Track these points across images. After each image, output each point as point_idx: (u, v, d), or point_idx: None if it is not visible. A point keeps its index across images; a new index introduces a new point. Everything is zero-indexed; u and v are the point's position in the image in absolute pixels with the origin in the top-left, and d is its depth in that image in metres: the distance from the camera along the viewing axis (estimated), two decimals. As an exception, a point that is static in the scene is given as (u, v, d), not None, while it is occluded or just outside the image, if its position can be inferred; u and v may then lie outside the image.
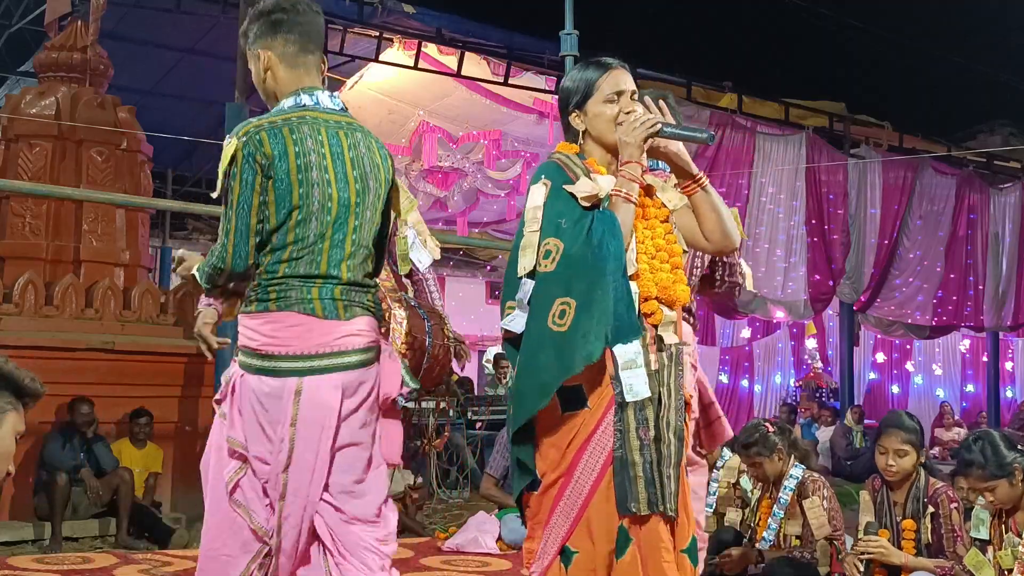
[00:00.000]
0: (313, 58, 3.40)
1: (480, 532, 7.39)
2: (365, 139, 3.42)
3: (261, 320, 3.23)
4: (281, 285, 3.22)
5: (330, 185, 3.24)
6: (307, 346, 3.20)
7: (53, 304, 8.48)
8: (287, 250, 3.22)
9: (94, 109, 9.49)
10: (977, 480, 4.51)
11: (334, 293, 3.25)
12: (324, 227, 3.24)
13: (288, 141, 3.20)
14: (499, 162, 15.76)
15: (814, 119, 15.42)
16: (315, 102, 3.34)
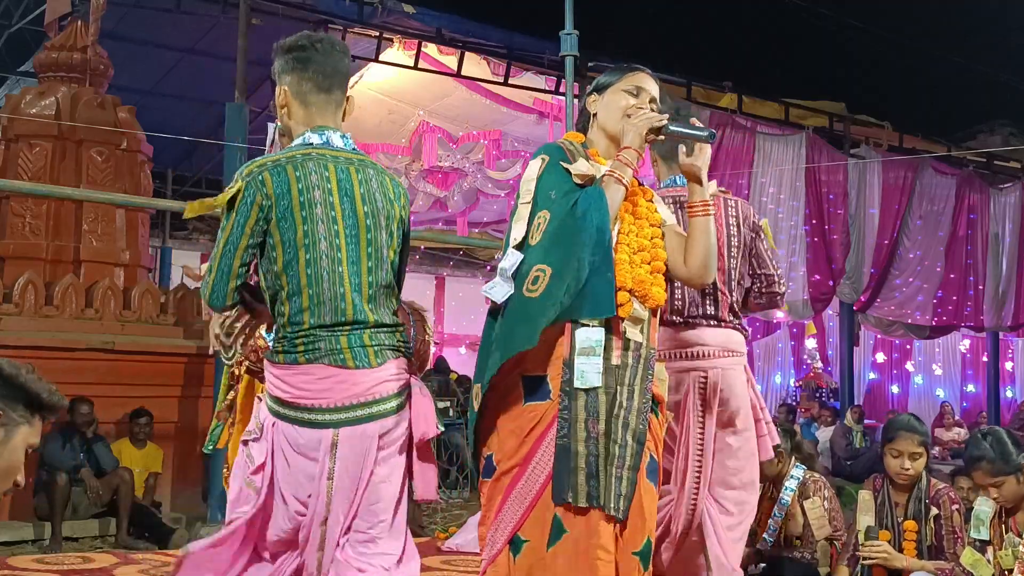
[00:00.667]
0: (330, 97, 3.36)
1: (480, 532, 7.38)
2: (378, 176, 3.38)
3: (291, 372, 3.18)
4: (308, 337, 3.16)
5: (336, 222, 3.20)
6: (341, 398, 3.16)
7: (53, 304, 8.49)
8: (304, 296, 3.17)
9: (94, 109, 9.49)
10: (985, 475, 4.50)
11: (363, 340, 3.20)
12: (338, 267, 3.19)
13: (292, 178, 3.16)
14: (499, 162, 15.76)
15: (814, 119, 15.41)
16: (324, 141, 3.31)
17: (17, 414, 2.31)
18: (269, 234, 3.16)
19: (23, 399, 2.32)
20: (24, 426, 2.34)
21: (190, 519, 8.27)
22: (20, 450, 2.35)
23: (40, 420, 2.39)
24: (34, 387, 2.33)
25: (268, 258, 3.19)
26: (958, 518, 5.02)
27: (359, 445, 3.18)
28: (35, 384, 2.34)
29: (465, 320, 20.20)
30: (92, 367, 8.31)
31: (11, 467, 2.34)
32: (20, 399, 2.31)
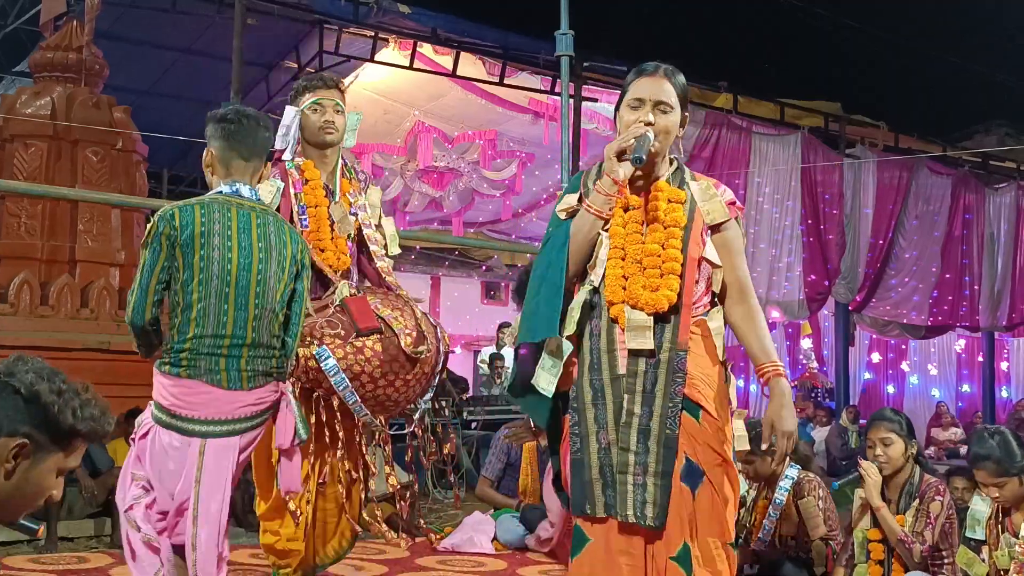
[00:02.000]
0: (248, 164, 3.93)
1: (476, 532, 7.38)
2: (276, 223, 3.93)
3: (172, 383, 3.75)
4: (192, 352, 3.72)
5: (231, 251, 3.75)
6: (211, 412, 3.73)
7: (48, 304, 8.47)
8: (194, 309, 3.73)
9: (89, 109, 9.48)
10: (988, 475, 4.51)
11: (240, 364, 3.76)
12: (226, 288, 3.74)
13: (196, 214, 3.73)
14: (495, 162, 15.77)
15: (810, 119, 15.43)
16: (233, 191, 3.87)
17: (50, 442, 2.22)
18: (175, 258, 3.72)
19: (55, 430, 2.22)
20: (57, 454, 2.25)
21: (186, 519, 8.26)
22: (51, 475, 2.26)
23: (81, 446, 2.29)
24: (69, 419, 2.22)
25: (173, 279, 3.76)
26: (936, 507, 5.04)
27: (223, 454, 3.75)
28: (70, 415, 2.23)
29: (460, 320, 20.18)
30: (88, 367, 8.27)
31: (39, 492, 2.25)
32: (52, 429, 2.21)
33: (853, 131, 16.03)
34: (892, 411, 5.44)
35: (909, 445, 5.16)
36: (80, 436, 2.27)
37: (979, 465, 4.57)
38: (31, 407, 2.19)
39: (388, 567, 6.49)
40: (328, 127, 4.61)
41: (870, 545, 5.21)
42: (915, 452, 5.21)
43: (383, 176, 15.98)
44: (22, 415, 2.19)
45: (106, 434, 2.35)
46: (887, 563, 5.14)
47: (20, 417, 2.19)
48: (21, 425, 2.18)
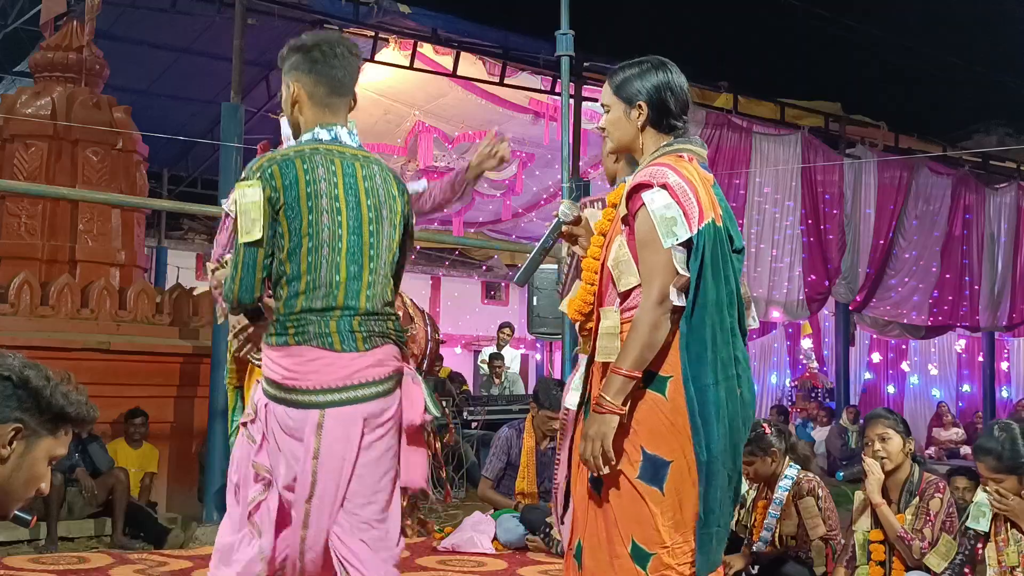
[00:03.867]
0: (341, 100, 3.52)
1: (476, 532, 7.39)
2: (382, 172, 3.51)
3: (281, 353, 3.33)
4: (299, 319, 3.31)
5: (340, 213, 3.34)
6: (327, 380, 3.30)
7: (49, 304, 8.48)
8: (302, 281, 3.31)
9: (90, 109, 9.48)
10: (988, 469, 4.51)
11: (352, 325, 3.34)
12: (337, 256, 3.33)
13: (299, 170, 3.30)
14: (495, 162, 15.74)
15: (810, 119, 15.43)
16: (332, 137, 3.45)
17: (41, 426, 2.29)
18: (277, 223, 3.30)
19: (48, 412, 2.28)
20: (48, 438, 2.30)
21: (186, 519, 8.26)
22: (43, 462, 2.31)
23: (67, 433, 2.35)
24: (60, 401, 2.29)
25: (276, 246, 3.33)
26: (936, 504, 5.06)
27: (344, 427, 3.30)
28: (61, 397, 2.29)
29: (460, 320, 20.20)
30: (88, 367, 8.28)
31: (32, 478, 2.32)
32: (44, 412, 2.27)
33: (853, 131, 16.03)
34: (886, 410, 5.54)
35: (906, 441, 5.18)
36: (69, 420, 2.33)
37: (982, 457, 4.58)
38: (21, 392, 2.25)
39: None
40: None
41: (871, 546, 5.22)
42: (912, 449, 5.23)
43: (383, 176, 15.97)
44: (13, 401, 2.25)
45: (93, 420, 2.40)
46: (888, 564, 5.15)
47: (12, 403, 2.24)
48: (13, 411, 2.24)
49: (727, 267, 3.24)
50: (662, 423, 3.23)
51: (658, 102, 3.41)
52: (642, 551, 3.24)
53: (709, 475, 3.20)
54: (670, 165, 3.29)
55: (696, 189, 3.23)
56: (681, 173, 3.26)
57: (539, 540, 7.24)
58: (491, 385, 12.74)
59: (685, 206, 3.20)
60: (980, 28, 22.85)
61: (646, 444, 3.24)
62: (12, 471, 2.27)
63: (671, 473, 3.22)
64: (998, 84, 20.36)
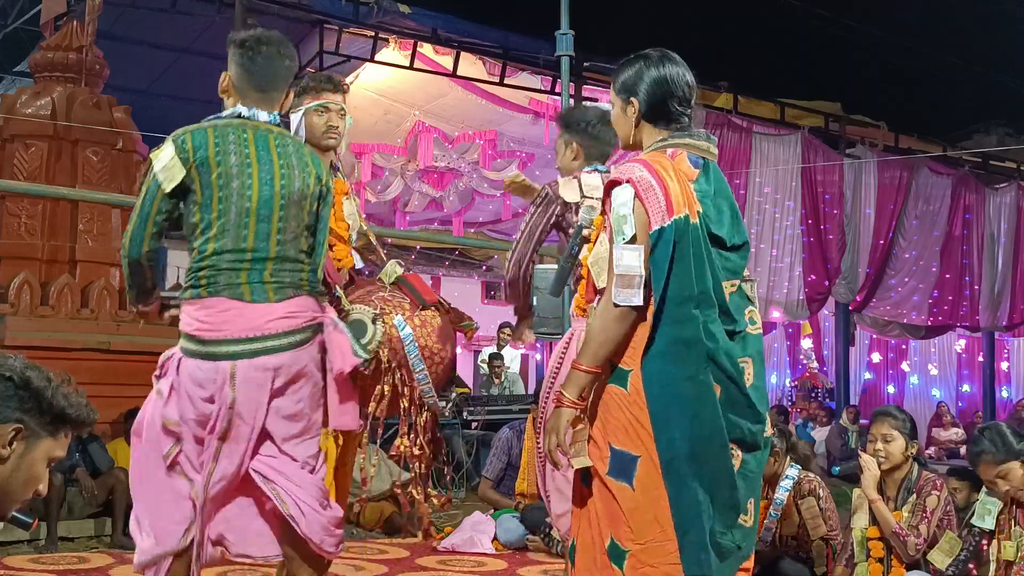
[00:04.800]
0: (265, 95, 3.72)
1: (476, 532, 7.39)
2: (295, 145, 3.72)
3: (196, 306, 3.48)
4: (210, 268, 3.46)
5: (250, 167, 3.51)
6: (238, 330, 3.44)
7: (49, 304, 8.47)
8: (214, 227, 3.47)
9: (90, 109, 9.48)
10: (989, 466, 4.49)
11: (263, 276, 3.49)
12: (247, 203, 3.48)
13: (210, 135, 3.53)
14: (495, 162, 15.77)
15: (810, 119, 15.44)
16: (251, 114, 3.67)
17: (41, 427, 2.29)
18: (190, 179, 3.48)
19: (49, 413, 2.29)
20: (47, 439, 2.31)
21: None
22: (42, 463, 2.32)
23: (67, 435, 2.36)
24: (60, 402, 2.30)
25: (189, 201, 3.51)
26: (933, 501, 5.05)
27: (255, 377, 3.44)
28: (62, 399, 2.30)
29: (461, 320, 20.15)
30: (88, 367, 8.28)
31: (31, 479, 2.32)
32: (45, 413, 2.28)
33: (853, 131, 16.04)
34: (897, 409, 5.43)
35: (910, 445, 5.16)
36: (69, 422, 2.33)
37: (978, 461, 4.56)
38: (23, 393, 2.26)
39: (388, 567, 6.49)
40: (332, 132, 4.46)
41: (870, 543, 5.21)
42: (915, 452, 5.22)
43: (383, 176, 15.99)
44: (15, 401, 2.25)
45: (92, 422, 2.42)
46: (886, 561, 5.15)
47: (13, 403, 2.25)
48: (14, 411, 2.24)
49: (702, 263, 3.15)
50: (625, 417, 3.18)
51: (652, 97, 3.35)
52: (618, 548, 3.20)
53: (674, 476, 3.12)
54: (643, 160, 3.25)
55: (666, 184, 3.16)
56: (652, 168, 3.20)
57: (539, 540, 7.24)
58: (491, 385, 12.73)
59: (647, 202, 3.14)
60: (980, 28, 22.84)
61: (612, 439, 3.20)
62: (11, 471, 2.27)
63: (640, 468, 3.15)
64: (998, 84, 20.36)
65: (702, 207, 3.21)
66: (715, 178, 3.33)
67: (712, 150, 3.37)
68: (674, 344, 3.13)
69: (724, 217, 3.28)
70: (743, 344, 3.27)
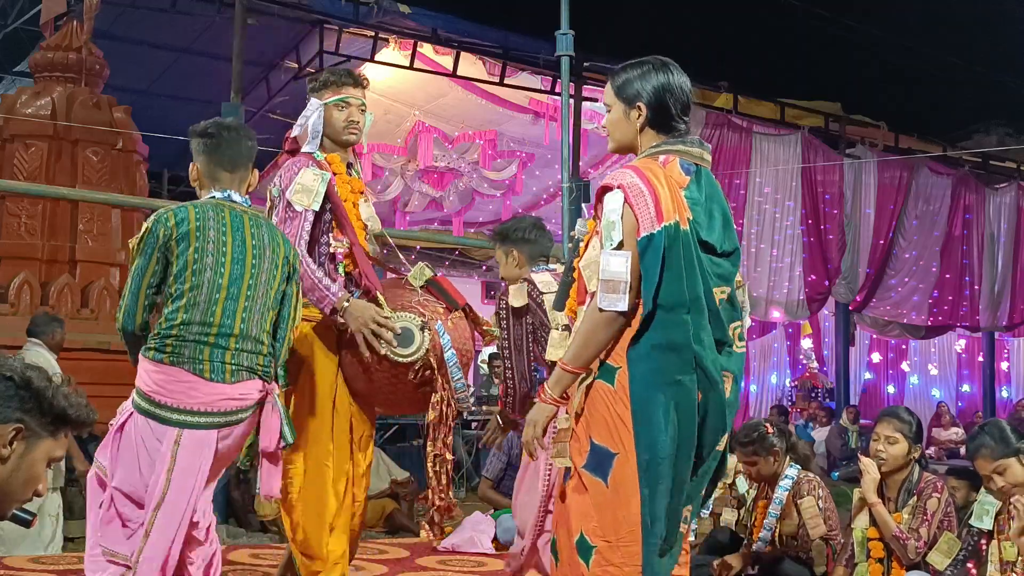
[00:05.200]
0: (234, 175, 3.91)
1: (476, 532, 7.39)
2: (268, 227, 3.92)
3: (155, 368, 3.69)
4: (177, 338, 3.67)
5: (225, 246, 3.73)
6: (191, 402, 3.67)
7: (49, 304, 8.48)
8: (184, 297, 3.67)
9: (90, 109, 9.48)
10: (987, 461, 4.48)
11: (224, 356, 3.71)
12: (219, 279, 3.70)
13: (191, 213, 3.74)
14: (495, 162, 15.77)
15: (810, 119, 15.44)
16: (225, 196, 3.87)
17: (41, 427, 2.29)
18: (170, 252, 3.69)
19: (50, 414, 2.29)
20: (47, 440, 2.32)
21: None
22: (41, 463, 2.32)
23: (66, 435, 2.36)
24: (61, 402, 2.30)
25: (166, 273, 3.72)
26: (934, 504, 5.03)
27: (198, 445, 3.68)
28: (63, 399, 2.31)
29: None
30: (88, 367, 8.28)
31: (31, 479, 2.32)
32: (46, 413, 2.28)
33: (853, 131, 16.04)
34: (906, 411, 5.33)
35: (913, 448, 5.14)
36: (70, 422, 2.34)
37: (977, 455, 4.54)
38: (23, 393, 2.26)
39: (388, 567, 6.49)
40: (353, 127, 4.44)
41: (870, 544, 5.21)
42: (918, 456, 5.20)
43: (383, 176, 16.00)
44: (15, 401, 2.25)
45: (92, 423, 2.42)
46: (887, 561, 5.14)
47: (14, 403, 2.25)
48: (15, 411, 2.24)
49: (693, 270, 3.17)
50: (609, 413, 3.21)
51: (657, 104, 3.37)
52: (586, 543, 3.23)
53: (651, 478, 3.15)
54: (635, 167, 3.28)
55: (656, 191, 3.18)
56: (643, 175, 3.22)
57: (538, 540, 7.23)
58: (491, 385, 12.74)
59: (636, 208, 3.17)
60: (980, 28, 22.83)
61: (594, 435, 3.23)
62: (12, 471, 2.27)
63: (616, 465, 3.18)
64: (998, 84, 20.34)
65: (693, 214, 3.23)
66: (707, 184, 3.35)
67: (705, 157, 3.40)
68: (662, 347, 3.16)
69: (715, 224, 3.30)
70: (727, 358, 3.30)
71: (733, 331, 3.34)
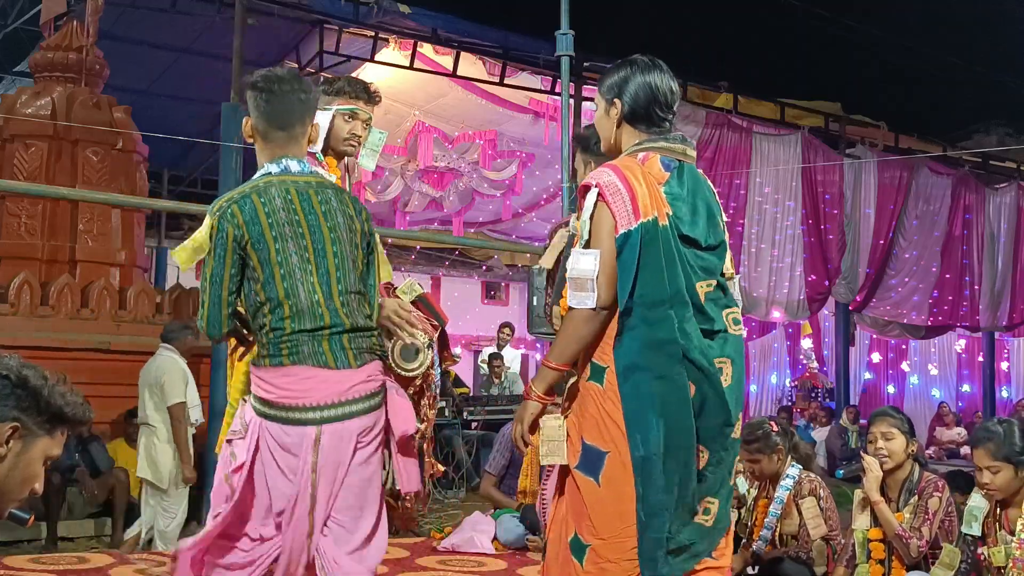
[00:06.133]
0: (289, 133, 3.64)
1: (476, 532, 7.39)
2: (337, 195, 3.66)
3: (276, 374, 3.46)
4: (292, 341, 3.44)
5: (304, 238, 3.50)
6: (323, 396, 3.43)
7: (49, 304, 8.48)
8: (285, 307, 3.46)
9: (90, 109, 9.49)
10: (986, 455, 4.49)
11: (343, 343, 3.48)
12: (311, 278, 3.49)
13: (258, 206, 3.47)
14: (495, 162, 15.77)
15: (810, 119, 15.43)
16: (281, 169, 3.60)
17: (38, 426, 2.29)
18: (248, 257, 3.46)
19: (46, 412, 2.29)
20: (44, 438, 2.32)
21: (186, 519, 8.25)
22: (38, 461, 2.33)
23: (63, 433, 2.36)
24: (57, 401, 2.31)
25: (249, 279, 3.50)
26: (935, 503, 5.04)
27: (340, 441, 3.44)
28: (59, 397, 2.31)
29: (461, 320, 20.17)
30: (88, 367, 8.29)
31: (28, 478, 2.33)
32: (42, 412, 2.29)
33: (853, 131, 16.03)
34: (894, 409, 5.49)
35: (909, 442, 5.17)
36: (66, 420, 2.34)
37: (981, 444, 4.56)
38: (20, 392, 2.26)
39: (388, 567, 6.49)
40: (353, 140, 4.43)
41: (871, 544, 5.21)
42: (915, 450, 5.22)
43: (383, 176, 15.99)
44: (12, 400, 2.26)
45: (89, 421, 2.44)
46: (887, 562, 5.14)
47: (10, 402, 2.25)
48: (11, 410, 2.25)
49: (673, 264, 3.23)
50: (600, 413, 3.27)
51: (634, 100, 3.44)
52: (579, 542, 3.29)
53: (645, 474, 3.19)
54: (614, 165, 3.34)
55: (633, 188, 3.24)
56: (621, 173, 3.29)
57: (539, 540, 7.23)
58: (491, 385, 12.74)
59: (613, 206, 3.23)
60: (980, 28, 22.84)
61: (585, 435, 3.30)
62: (8, 470, 2.28)
63: (607, 464, 3.24)
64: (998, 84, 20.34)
65: (673, 209, 3.29)
66: (691, 179, 3.40)
67: (688, 152, 3.45)
68: (648, 344, 3.22)
69: (699, 218, 3.35)
70: (722, 344, 3.34)
71: (727, 317, 3.38)
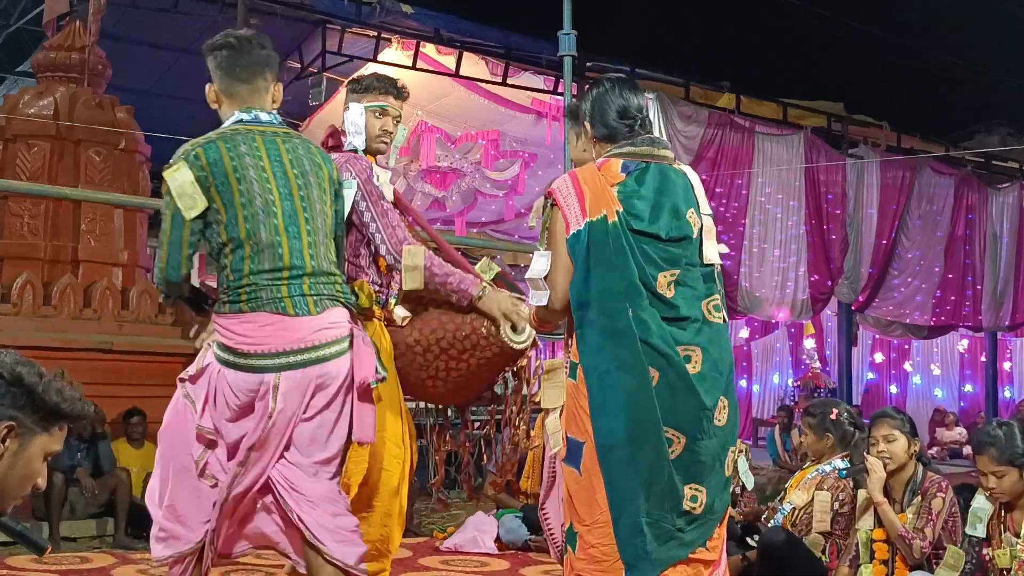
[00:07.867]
0: (247, 87, 3.68)
1: (478, 532, 7.38)
2: (303, 144, 3.70)
3: (235, 320, 3.48)
4: (251, 286, 3.46)
5: (269, 182, 3.51)
6: (282, 343, 3.44)
7: (51, 304, 8.47)
8: (246, 247, 3.46)
9: (92, 109, 9.48)
10: (990, 461, 4.49)
11: (303, 289, 3.49)
12: (274, 219, 3.49)
13: (222, 149, 3.51)
14: (497, 162, 15.77)
15: (812, 119, 15.43)
16: (252, 117, 3.65)
17: (34, 424, 2.28)
18: (211, 199, 3.47)
19: (42, 409, 2.27)
20: (42, 435, 2.30)
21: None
22: (37, 459, 2.31)
23: (62, 429, 2.34)
24: (53, 397, 2.28)
25: (213, 221, 3.49)
26: (939, 504, 5.03)
27: (298, 388, 3.45)
28: (55, 394, 2.29)
29: (463, 320, 20.15)
30: (90, 367, 8.27)
31: (28, 476, 2.31)
32: (38, 409, 2.26)
33: (856, 131, 16.02)
34: (894, 409, 5.50)
35: (912, 442, 5.17)
36: (63, 417, 2.32)
37: (984, 450, 4.56)
38: (15, 389, 2.24)
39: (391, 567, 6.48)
40: (386, 137, 4.39)
41: (874, 545, 5.21)
42: (917, 450, 5.22)
43: (385, 176, 15.97)
44: (8, 399, 2.24)
45: (87, 416, 2.41)
46: (891, 563, 5.14)
47: (6, 401, 2.23)
48: (6, 408, 2.23)
49: (624, 258, 3.41)
50: (575, 406, 3.47)
51: (591, 119, 3.70)
52: (571, 531, 3.48)
53: (610, 462, 3.36)
54: (571, 172, 3.61)
55: (582, 191, 3.48)
56: (575, 178, 3.54)
57: (542, 540, 7.23)
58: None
59: (565, 209, 3.48)
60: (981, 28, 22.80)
61: (567, 428, 3.52)
62: (7, 469, 2.26)
63: (584, 454, 3.42)
64: (1000, 84, 20.31)
65: (625, 206, 3.47)
66: (657, 178, 3.56)
67: (657, 152, 3.62)
68: (606, 335, 3.39)
69: (661, 213, 3.51)
70: (695, 333, 3.46)
71: (707, 305, 3.52)
